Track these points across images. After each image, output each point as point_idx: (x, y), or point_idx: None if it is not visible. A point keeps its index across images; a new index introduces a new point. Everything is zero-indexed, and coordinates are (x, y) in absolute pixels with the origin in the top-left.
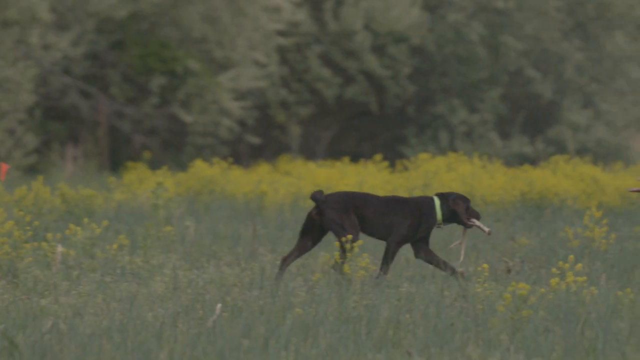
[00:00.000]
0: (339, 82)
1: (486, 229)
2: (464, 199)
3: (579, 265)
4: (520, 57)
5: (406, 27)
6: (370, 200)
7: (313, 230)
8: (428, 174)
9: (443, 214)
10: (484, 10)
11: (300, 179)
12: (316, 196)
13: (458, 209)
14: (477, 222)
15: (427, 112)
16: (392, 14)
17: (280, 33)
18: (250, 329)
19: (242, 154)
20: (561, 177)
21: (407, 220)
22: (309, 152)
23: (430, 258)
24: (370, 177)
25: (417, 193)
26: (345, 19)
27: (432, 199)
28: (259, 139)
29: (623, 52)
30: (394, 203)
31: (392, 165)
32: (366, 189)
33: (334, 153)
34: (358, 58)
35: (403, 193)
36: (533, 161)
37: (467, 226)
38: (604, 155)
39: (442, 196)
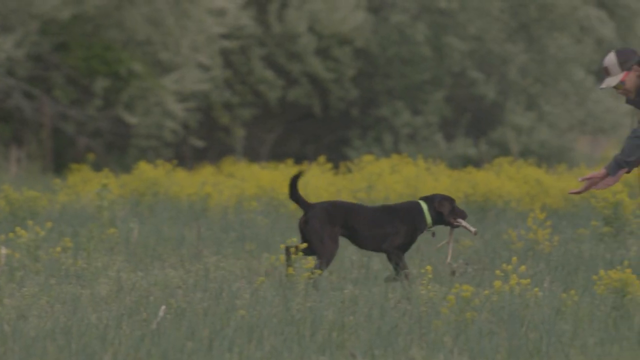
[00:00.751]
0: (282, 84)
1: (472, 229)
2: (450, 200)
3: (523, 267)
4: (464, 58)
5: (350, 29)
6: (359, 210)
7: None
8: (372, 176)
9: (432, 217)
10: (428, 11)
11: (244, 181)
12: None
13: (444, 210)
14: (463, 222)
15: (370, 115)
16: (336, 16)
17: (224, 36)
18: (194, 331)
19: (186, 156)
20: (505, 179)
21: (402, 228)
22: (252, 154)
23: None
24: (314, 179)
25: (361, 195)
26: (290, 21)
27: (419, 204)
28: (202, 142)
29: (566, 53)
30: (384, 212)
31: (336, 167)
32: (310, 190)
33: (277, 155)
34: (302, 60)
35: (347, 195)
36: (477, 163)
37: (453, 226)
38: (548, 157)
39: (428, 199)
